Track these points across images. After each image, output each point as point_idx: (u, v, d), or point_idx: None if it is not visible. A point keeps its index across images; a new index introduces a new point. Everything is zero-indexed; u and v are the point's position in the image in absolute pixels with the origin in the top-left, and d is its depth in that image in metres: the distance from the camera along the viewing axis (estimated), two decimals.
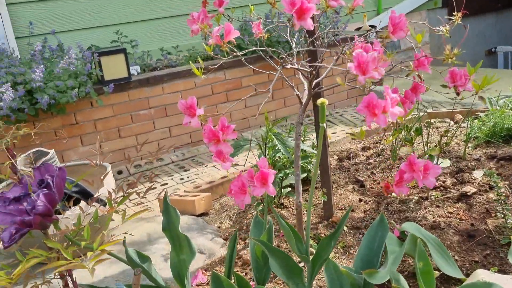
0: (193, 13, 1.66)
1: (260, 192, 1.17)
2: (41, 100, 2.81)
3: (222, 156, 1.33)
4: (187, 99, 1.28)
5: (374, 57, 1.19)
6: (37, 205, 1.16)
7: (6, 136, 1.25)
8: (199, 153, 3.57)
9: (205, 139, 1.26)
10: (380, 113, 1.11)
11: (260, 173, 1.17)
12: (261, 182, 1.17)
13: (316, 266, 1.37)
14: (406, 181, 1.27)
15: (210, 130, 1.23)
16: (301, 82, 1.90)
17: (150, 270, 1.52)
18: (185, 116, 1.30)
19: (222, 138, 1.22)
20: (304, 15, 1.30)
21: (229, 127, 1.23)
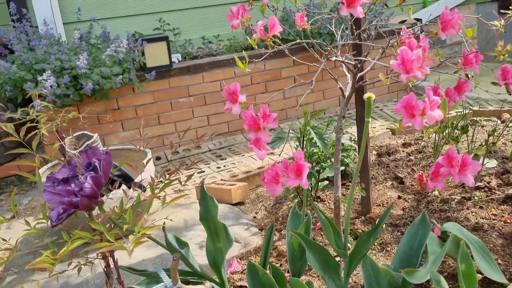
0: (231, 8, 1.65)
1: (293, 184, 1.16)
2: (86, 86, 2.89)
3: (259, 144, 1.33)
4: (231, 85, 1.28)
5: (419, 55, 1.15)
6: (84, 187, 1.20)
7: (56, 119, 1.29)
8: (236, 142, 3.59)
9: (245, 126, 1.26)
10: (418, 115, 1.07)
11: (295, 164, 1.16)
12: (296, 173, 1.16)
13: (353, 262, 1.36)
14: (442, 176, 1.22)
15: (251, 117, 1.23)
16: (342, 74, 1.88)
17: (187, 256, 1.55)
18: (227, 102, 1.30)
19: (263, 126, 1.21)
20: (354, 2, 1.27)
21: (270, 116, 1.22)
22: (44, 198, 1.25)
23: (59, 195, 1.24)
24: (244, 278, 1.82)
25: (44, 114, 1.28)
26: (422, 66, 1.12)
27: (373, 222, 1.98)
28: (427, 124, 1.07)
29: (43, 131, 1.25)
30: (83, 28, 3.50)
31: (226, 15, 1.68)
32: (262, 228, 2.17)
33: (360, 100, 1.97)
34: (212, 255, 1.63)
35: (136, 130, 3.33)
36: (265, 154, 1.24)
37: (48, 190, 1.25)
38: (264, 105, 1.24)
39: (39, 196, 3.02)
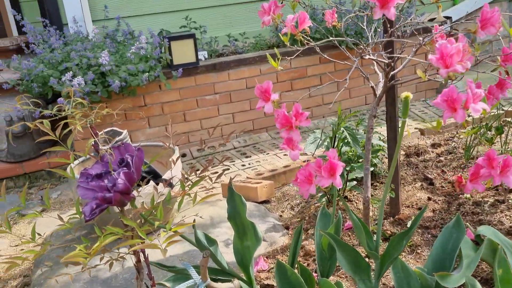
0: (263, 4, 1.64)
1: (327, 183, 1.14)
2: (113, 83, 2.92)
3: (292, 144, 1.31)
4: (263, 83, 1.27)
5: (458, 48, 1.11)
6: (117, 182, 1.21)
7: (90, 116, 1.31)
8: (261, 140, 3.58)
9: (277, 124, 1.25)
10: (460, 108, 1.04)
11: (329, 163, 1.14)
12: (329, 173, 1.14)
13: (385, 264, 1.34)
14: (482, 178, 1.19)
15: (283, 115, 1.21)
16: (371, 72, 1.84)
17: (216, 253, 1.55)
18: (259, 100, 1.30)
19: (295, 125, 1.20)
20: (388, 4, 1.25)
21: (303, 114, 1.21)
22: (78, 193, 1.27)
23: (93, 190, 1.25)
24: (271, 277, 1.81)
25: (78, 111, 1.30)
26: (462, 59, 1.09)
27: (402, 223, 1.95)
28: (470, 117, 1.04)
29: (78, 127, 1.26)
30: (111, 25, 3.55)
31: (251, 13, 1.67)
32: (288, 227, 2.15)
33: (391, 99, 1.94)
34: (239, 254, 1.63)
35: (162, 126, 3.35)
36: (298, 154, 1.22)
37: (82, 185, 1.26)
38: (296, 103, 1.22)
39: (67, 191, 3.07)
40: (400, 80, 1.66)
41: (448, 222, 1.87)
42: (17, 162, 3.10)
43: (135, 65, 3.01)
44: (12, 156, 3.10)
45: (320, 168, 1.15)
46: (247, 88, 3.53)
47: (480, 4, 4.45)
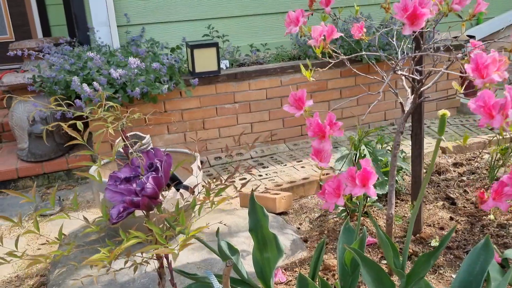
0: (289, 13, 1.64)
1: (359, 192, 1.13)
2: (131, 92, 2.94)
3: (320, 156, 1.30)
4: (297, 92, 1.27)
5: (494, 58, 1.10)
6: (146, 187, 1.21)
7: (122, 119, 1.32)
8: (278, 151, 3.58)
9: (310, 133, 1.24)
10: (498, 114, 1.01)
11: (362, 172, 1.13)
12: (362, 182, 1.13)
13: (410, 283, 1.31)
14: (506, 196, 1.17)
15: (317, 124, 1.21)
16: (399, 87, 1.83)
17: (237, 263, 1.54)
18: (292, 108, 1.29)
19: (328, 134, 1.19)
20: (418, 20, 1.25)
21: (336, 124, 1.20)
22: (106, 196, 1.27)
23: (121, 193, 1.26)
24: None
25: (111, 114, 1.31)
26: (499, 69, 1.08)
27: (423, 242, 1.92)
28: (494, 137, 1.02)
29: (110, 130, 1.27)
30: (134, 31, 3.59)
31: (274, 24, 1.67)
32: (307, 240, 2.14)
33: (417, 116, 1.92)
34: (259, 265, 1.62)
35: (181, 133, 3.37)
36: (327, 165, 1.21)
37: (110, 188, 1.27)
38: (330, 113, 1.22)
39: (84, 193, 3.09)
40: (430, 97, 1.65)
41: (471, 243, 1.84)
42: (37, 161, 3.13)
43: (158, 72, 3.03)
44: (32, 156, 3.13)
45: (352, 177, 1.14)
46: (267, 98, 3.54)
47: (504, 24, 4.42)
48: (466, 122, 3.71)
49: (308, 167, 3.22)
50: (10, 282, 2.17)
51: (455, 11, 1.32)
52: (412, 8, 1.23)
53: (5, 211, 2.79)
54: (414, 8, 1.23)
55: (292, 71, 3.55)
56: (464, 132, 3.49)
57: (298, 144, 3.67)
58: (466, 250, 1.84)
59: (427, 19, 1.28)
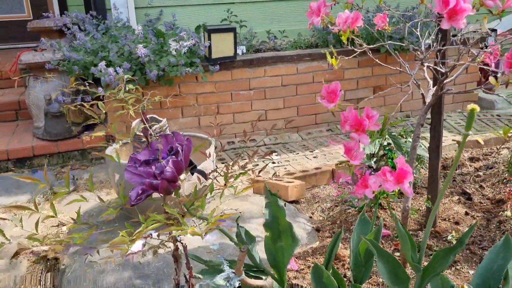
0: (311, 4, 1.60)
1: (392, 188, 1.12)
2: (150, 73, 2.94)
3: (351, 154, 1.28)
4: (331, 84, 1.26)
5: None
6: (166, 170, 1.21)
7: (143, 101, 1.31)
8: (291, 140, 3.56)
9: (346, 126, 1.22)
10: None
11: (399, 170, 1.11)
12: (397, 179, 1.12)
13: (427, 278, 1.31)
14: None
15: (354, 117, 1.19)
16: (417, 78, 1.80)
17: (252, 250, 1.54)
18: (324, 101, 1.28)
19: (367, 127, 1.18)
20: (457, 16, 1.21)
21: (373, 117, 1.18)
22: (125, 177, 1.27)
23: (140, 176, 1.26)
24: (300, 277, 1.80)
25: (132, 96, 1.30)
26: None
27: (438, 236, 1.91)
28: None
29: (131, 112, 1.27)
30: (153, 13, 3.57)
31: (292, 10, 1.65)
32: (319, 229, 2.13)
33: (437, 108, 1.90)
34: (272, 253, 1.62)
35: (195, 117, 3.37)
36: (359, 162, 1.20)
37: (130, 170, 1.27)
38: (367, 107, 1.20)
39: (98, 173, 3.11)
40: (452, 90, 1.62)
41: (487, 239, 1.83)
42: (52, 140, 3.16)
43: (176, 58, 3.02)
44: (48, 135, 3.15)
45: (385, 175, 1.13)
46: (283, 85, 3.51)
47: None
48: (484, 117, 3.66)
49: (320, 157, 3.20)
50: (27, 253, 2.20)
51: (487, 7, 1.29)
52: (454, 3, 1.19)
53: (22, 187, 2.82)
54: (456, 2, 1.19)
55: (309, 59, 3.51)
56: (483, 126, 3.44)
57: (312, 133, 3.65)
58: (482, 246, 1.83)
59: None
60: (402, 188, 1.15)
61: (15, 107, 3.56)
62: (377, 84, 3.73)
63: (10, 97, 3.61)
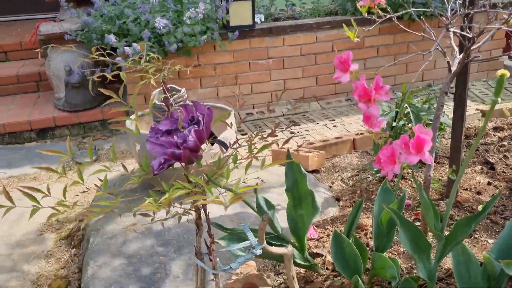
0: None
1: (415, 160, 1.10)
2: (169, 46, 2.92)
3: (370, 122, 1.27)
4: (343, 54, 1.23)
5: None
6: (188, 140, 1.21)
7: (163, 71, 1.31)
8: (310, 109, 3.54)
9: (356, 97, 1.20)
10: None
11: (416, 139, 1.09)
12: (417, 149, 1.10)
13: (448, 246, 1.30)
14: None
15: (362, 87, 1.17)
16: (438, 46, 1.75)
17: (273, 218, 1.56)
18: (337, 71, 1.25)
19: (374, 98, 1.15)
20: None
21: (383, 88, 1.16)
22: (147, 147, 1.28)
23: (162, 146, 1.27)
24: (320, 246, 1.82)
25: (152, 65, 1.30)
26: None
27: (459, 206, 1.89)
28: None
29: (152, 82, 1.27)
30: None
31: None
32: (339, 199, 2.14)
33: (462, 77, 1.85)
34: (293, 221, 1.63)
35: (213, 88, 3.35)
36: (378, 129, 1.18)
37: (151, 140, 1.28)
38: (377, 76, 1.17)
39: (119, 143, 3.15)
40: (480, 57, 1.57)
41: (509, 209, 1.81)
42: (73, 111, 3.20)
43: (192, 26, 2.99)
44: (68, 105, 3.19)
45: (405, 144, 1.11)
46: (301, 55, 3.46)
47: None
48: (509, 85, 3.56)
49: (340, 126, 3.18)
50: (51, 225, 2.27)
51: None
52: None
53: (44, 158, 2.88)
54: None
55: (328, 27, 3.44)
56: (507, 95, 3.35)
57: (331, 102, 3.62)
58: (504, 216, 1.81)
59: None
60: (422, 157, 1.13)
61: (36, 78, 3.60)
62: (398, 52, 3.65)
63: (31, 68, 3.65)
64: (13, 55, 3.93)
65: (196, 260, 1.40)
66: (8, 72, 3.59)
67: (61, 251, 2.08)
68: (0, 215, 1.18)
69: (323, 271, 1.68)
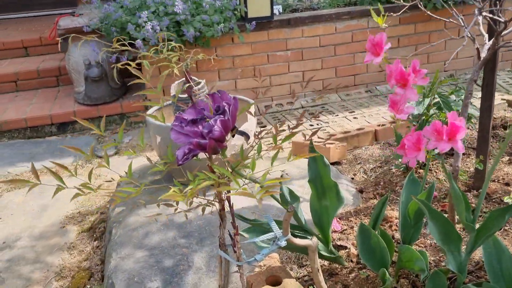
0: None
1: (446, 147, 1.06)
2: (187, 33, 2.91)
3: (397, 107, 1.23)
4: (376, 35, 1.19)
5: None
6: (214, 129, 1.19)
7: (186, 60, 1.29)
8: (330, 101, 3.49)
9: (391, 81, 1.17)
10: None
11: (450, 126, 1.06)
12: (449, 136, 1.06)
13: (481, 238, 1.27)
14: None
15: (400, 71, 1.13)
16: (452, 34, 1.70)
17: (297, 210, 1.54)
18: (368, 54, 1.22)
19: (412, 82, 1.12)
20: None
21: (420, 71, 1.12)
22: (171, 137, 1.27)
23: (186, 135, 1.25)
24: (344, 238, 1.79)
25: (175, 54, 1.28)
26: None
27: (487, 197, 1.84)
28: None
29: (175, 71, 1.25)
30: None
31: None
32: (362, 191, 2.10)
33: (491, 65, 1.79)
34: (317, 213, 1.61)
35: (231, 80, 3.33)
36: (405, 116, 1.15)
37: (176, 129, 1.26)
38: (415, 60, 1.14)
39: (138, 136, 3.16)
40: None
41: None
42: (93, 105, 3.21)
43: (210, 16, 2.97)
44: (88, 99, 3.20)
45: (438, 131, 1.07)
46: (320, 46, 3.41)
47: None
48: None
49: (360, 118, 3.13)
50: (73, 218, 2.28)
51: None
52: None
53: (65, 151, 2.90)
54: None
55: (347, 17, 3.38)
56: None
57: (351, 94, 3.57)
58: None
59: None
60: (454, 145, 1.09)
61: (55, 73, 3.63)
62: (419, 42, 3.57)
63: (51, 63, 3.67)
64: (33, 51, 3.97)
65: (220, 252, 1.38)
66: (29, 67, 3.62)
67: (83, 243, 2.09)
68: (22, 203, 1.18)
69: (348, 264, 1.65)
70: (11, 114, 3.17)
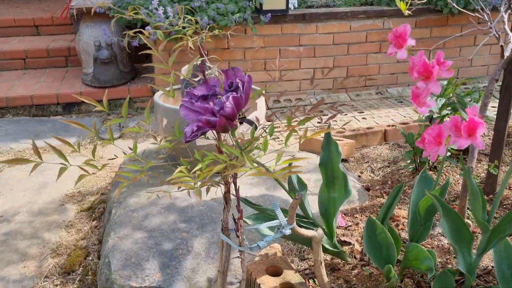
0: None
1: (465, 144, 1.02)
2: (201, 21, 2.87)
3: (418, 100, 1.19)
4: (399, 27, 1.14)
5: None
6: (225, 106, 1.15)
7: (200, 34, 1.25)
8: (339, 100, 3.45)
9: (414, 74, 1.12)
10: None
11: (469, 122, 1.01)
12: (468, 132, 1.02)
13: (494, 239, 1.22)
14: None
15: (423, 63, 1.08)
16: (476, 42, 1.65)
17: (304, 200, 1.49)
18: (391, 46, 1.17)
19: (437, 74, 1.07)
20: None
21: (444, 63, 1.08)
22: (180, 113, 1.23)
23: (196, 112, 1.21)
24: (348, 234, 1.74)
25: (190, 28, 1.24)
26: None
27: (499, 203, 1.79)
28: None
29: (190, 44, 1.21)
30: None
31: None
32: (368, 189, 2.06)
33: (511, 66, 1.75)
34: (324, 204, 1.56)
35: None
36: (426, 110, 1.10)
37: (186, 105, 1.22)
38: (439, 51, 1.09)
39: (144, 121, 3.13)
40: None
41: None
42: (100, 87, 3.18)
43: (225, 4, 2.94)
44: (96, 81, 3.17)
45: (457, 127, 1.03)
46: (334, 44, 3.37)
47: None
48: None
49: (369, 118, 3.09)
50: (73, 197, 2.25)
51: None
52: None
53: (70, 131, 2.87)
54: None
55: (363, 16, 3.34)
56: None
57: (361, 95, 3.52)
58: None
59: None
60: (474, 141, 1.05)
61: (65, 53, 3.60)
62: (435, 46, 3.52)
63: (61, 43, 3.65)
64: (44, 30, 3.94)
65: (222, 236, 1.34)
66: (39, 45, 3.59)
67: (81, 223, 2.05)
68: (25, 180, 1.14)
69: (351, 260, 1.60)
70: (18, 90, 3.14)
